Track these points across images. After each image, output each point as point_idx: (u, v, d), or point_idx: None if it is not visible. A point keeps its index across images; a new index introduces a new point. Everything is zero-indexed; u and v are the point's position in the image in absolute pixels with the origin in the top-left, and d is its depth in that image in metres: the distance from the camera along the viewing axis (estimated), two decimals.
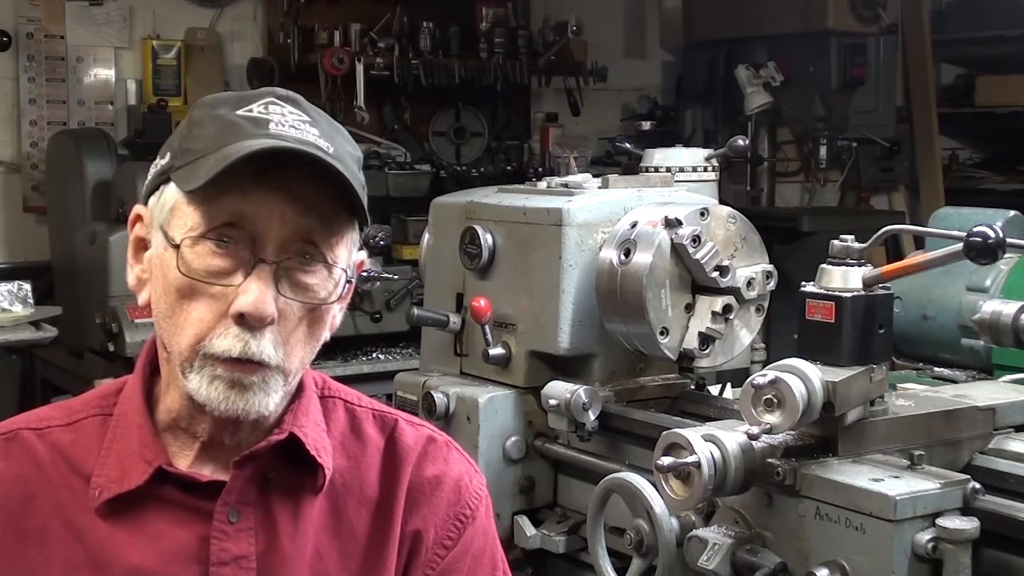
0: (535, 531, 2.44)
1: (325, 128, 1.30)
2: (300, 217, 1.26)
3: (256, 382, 1.27)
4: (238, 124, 1.27)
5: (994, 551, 1.75)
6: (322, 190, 1.26)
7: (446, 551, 1.40)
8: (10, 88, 4.97)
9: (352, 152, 1.33)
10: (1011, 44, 6.30)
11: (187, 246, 1.25)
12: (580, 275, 2.40)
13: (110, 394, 1.39)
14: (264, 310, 1.24)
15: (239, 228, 1.25)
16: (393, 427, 1.44)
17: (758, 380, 1.76)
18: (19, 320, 4.07)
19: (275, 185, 1.25)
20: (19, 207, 4.99)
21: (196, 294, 1.26)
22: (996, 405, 2.01)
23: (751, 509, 1.86)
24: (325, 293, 1.30)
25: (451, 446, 1.46)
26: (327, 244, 1.29)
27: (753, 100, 5.60)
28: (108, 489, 1.30)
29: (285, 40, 5.21)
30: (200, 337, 1.25)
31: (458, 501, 1.42)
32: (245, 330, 1.24)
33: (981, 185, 6.76)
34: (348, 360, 4.49)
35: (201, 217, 1.25)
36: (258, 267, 1.25)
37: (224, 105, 1.30)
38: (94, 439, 1.35)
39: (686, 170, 2.86)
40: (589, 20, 5.69)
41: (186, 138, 1.30)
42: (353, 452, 1.41)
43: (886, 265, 1.88)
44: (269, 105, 1.29)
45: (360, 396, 1.47)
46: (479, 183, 4.81)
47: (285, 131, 1.26)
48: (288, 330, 1.28)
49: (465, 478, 1.44)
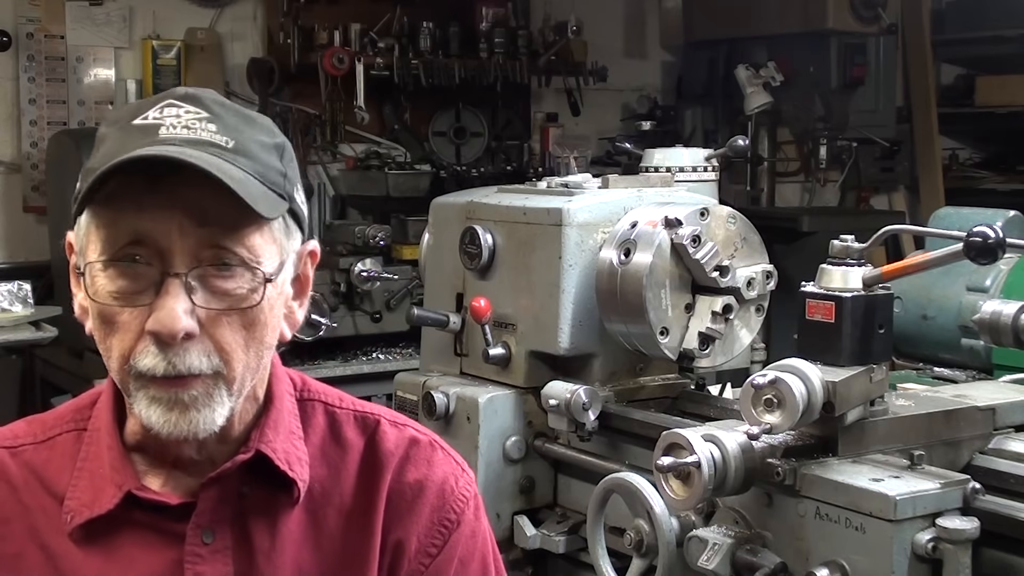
0: (535, 531, 2.44)
1: (228, 121, 1.24)
2: (198, 227, 1.20)
3: (197, 396, 1.21)
4: (129, 136, 1.21)
5: (994, 551, 1.75)
6: (220, 191, 1.18)
7: (430, 559, 1.36)
8: (10, 88, 4.97)
9: (265, 140, 1.26)
10: (1011, 44, 6.30)
11: (97, 271, 1.21)
12: (580, 275, 2.40)
13: (84, 407, 1.36)
14: (173, 326, 1.18)
15: (145, 245, 1.20)
16: (375, 429, 1.38)
17: (758, 380, 1.76)
18: (19, 320, 4.07)
19: (168, 195, 1.19)
20: (19, 207, 4.98)
21: (114, 320, 1.21)
22: (996, 405, 2.01)
23: (751, 509, 1.86)
24: (246, 293, 1.22)
25: (436, 446, 1.41)
26: (239, 245, 1.22)
27: (753, 100, 5.60)
28: (80, 514, 1.27)
29: (285, 40, 5.21)
30: (125, 358, 1.21)
31: (442, 506, 1.37)
32: (163, 348, 1.19)
33: (981, 185, 6.76)
34: (348, 360, 4.49)
35: (105, 241, 1.21)
36: (167, 282, 1.19)
37: (124, 116, 1.25)
38: (67, 457, 1.31)
39: (686, 170, 2.85)
40: (589, 20, 5.69)
41: (92, 158, 1.24)
42: (333, 459, 1.36)
43: (886, 265, 1.89)
44: (165, 108, 1.23)
45: (342, 396, 1.42)
46: (479, 183, 4.80)
47: (176, 133, 1.21)
48: (220, 338, 1.22)
49: (450, 480, 1.38)
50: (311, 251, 1.33)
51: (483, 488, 2.41)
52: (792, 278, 2.15)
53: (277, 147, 1.27)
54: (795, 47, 5.69)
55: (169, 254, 1.20)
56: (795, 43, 5.68)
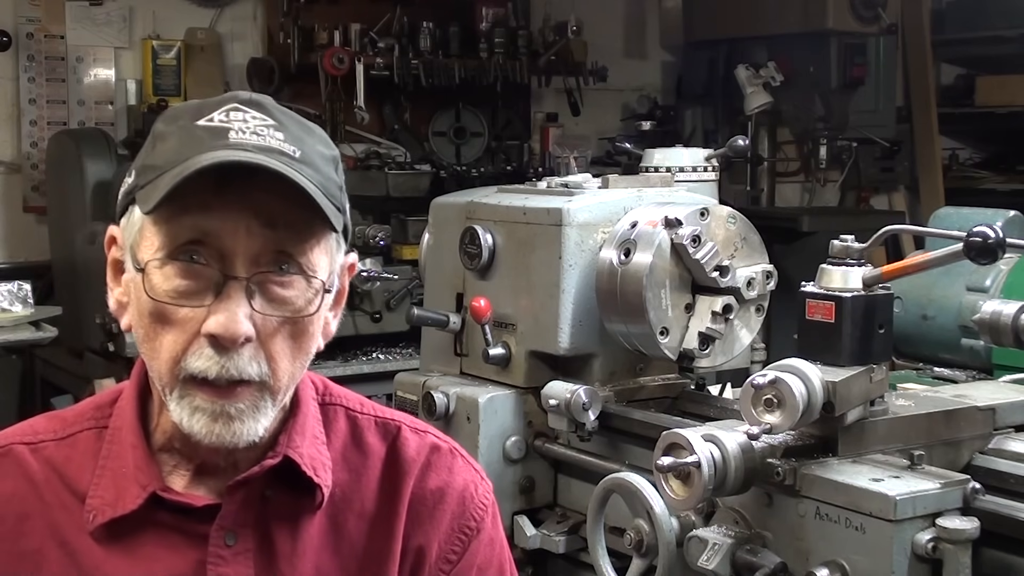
0: (535, 531, 2.44)
1: (293, 131, 1.25)
2: (267, 229, 1.21)
3: (244, 408, 1.22)
4: (197, 136, 1.21)
5: (994, 551, 1.75)
6: (289, 198, 1.20)
7: (450, 565, 1.37)
8: (10, 88, 4.97)
9: (324, 152, 1.27)
10: (1011, 44, 6.30)
11: (154, 268, 1.21)
12: (580, 275, 2.40)
13: (104, 404, 1.36)
14: (236, 330, 1.19)
15: (206, 245, 1.20)
16: (396, 435, 1.39)
17: (758, 380, 1.76)
18: (19, 320, 4.07)
19: (238, 197, 1.19)
20: (19, 207, 4.99)
21: (168, 317, 1.21)
22: (996, 405, 2.01)
23: (751, 509, 1.86)
24: (303, 303, 1.24)
25: (456, 454, 1.42)
26: (301, 253, 1.23)
27: (753, 100, 5.60)
28: (103, 512, 1.27)
29: (285, 40, 5.21)
30: (176, 360, 1.21)
31: (462, 513, 1.38)
32: (219, 351, 1.20)
33: (981, 185, 6.76)
34: (348, 360, 4.49)
35: (165, 237, 1.21)
36: (228, 284, 1.20)
37: (185, 116, 1.25)
38: (88, 455, 1.31)
39: (686, 170, 2.85)
40: (589, 20, 5.69)
41: (148, 155, 1.25)
42: (354, 464, 1.36)
43: (886, 265, 1.88)
44: (230, 112, 1.23)
45: (363, 401, 1.43)
46: (479, 183, 4.81)
47: (246, 139, 1.21)
48: (271, 345, 1.23)
49: (471, 487, 1.40)
50: (351, 264, 1.34)
51: None
52: (792, 278, 2.15)
53: (334, 159, 1.29)
54: (795, 47, 5.69)
55: (232, 256, 1.20)
56: (795, 43, 5.68)
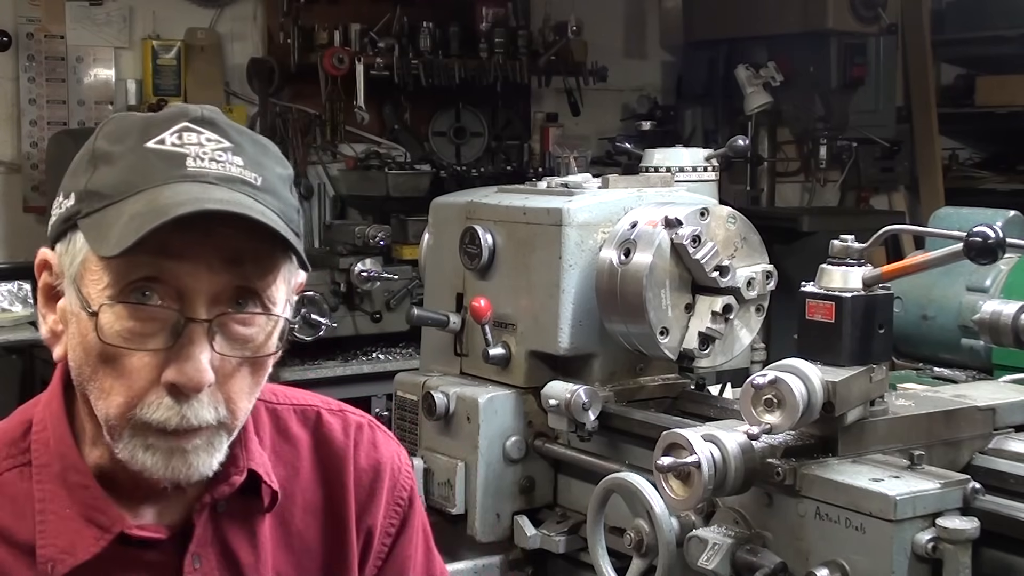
0: (535, 531, 2.44)
1: (250, 153, 1.17)
2: (231, 266, 1.12)
3: (200, 445, 1.15)
4: (150, 162, 1.12)
5: (994, 551, 1.75)
6: (254, 232, 1.11)
7: (390, 538, 1.39)
8: (10, 88, 4.97)
9: (282, 173, 1.20)
10: (1011, 44, 6.30)
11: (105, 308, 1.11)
12: (580, 275, 2.40)
13: (16, 439, 1.23)
14: (200, 379, 1.11)
15: (162, 283, 1.11)
16: (317, 421, 1.36)
17: (758, 380, 1.76)
18: (19, 320, 4.08)
19: (201, 237, 1.10)
20: (19, 207, 4.99)
21: (119, 362, 1.12)
22: (996, 405, 2.01)
23: (751, 509, 1.86)
24: (263, 339, 1.17)
25: (374, 427, 1.41)
26: (264, 288, 1.16)
27: (753, 100, 5.61)
28: (62, 562, 1.17)
29: (285, 40, 5.21)
30: (130, 405, 1.12)
31: (395, 486, 1.39)
32: (179, 399, 1.12)
33: (981, 185, 6.76)
34: (348, 360, 4.50)
35: (115, 274, 1.11)
36: (188, 328, 1.11)
37: (132, 135, 1.14)
38: (20, 498, 1.19)
39: (686, 170, 2.85)
40: (589, 20, 5.69)
41: (90, 178, 1.14)
42: (287, 458, 1.33)
43: (886, 265, 1.88)
44: (183, 133, 1.14)
45: (275, 390, 1.36)
46: (479, 183, 4.81)
47: (205, 167, 1.12)
48: (229, 386, 1.16)
49: (395, 459, 1.41)
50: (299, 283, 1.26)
51: (483, 488, 2.41)
52: (792, 278, 2.15)
53: (289, 178, 1.22)
54: (795, 47, 5.69)
55: (192, 296, 1.12)
56: (795, 43, 5.68)
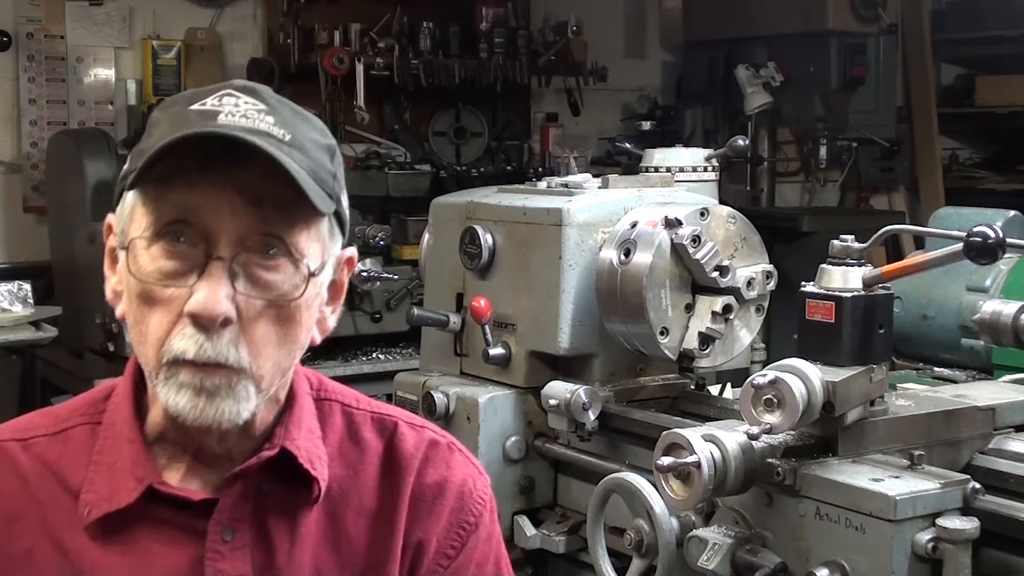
0: (535, 531, 2.44)
1: (285, 116, 1.23)
2: (251, 207, 1.19)
3: (221, 385, 1.20)
4: (186, 119, 1.21)
5: (994, 551, 1.75)
6: (275, 178, 1.18)
7: (449, 560, 1.36)
8: (10, 88, 4.97)
9: (319, 139, 1.26)
10: (1011, 44, 6.31)
11: (141, 248, 1.20)
12: (580, 275, 2.40)
13: (98, 400, 1.34)
14: (214, 309, 1.17)
15: (191, 225, 1.19)
16: (393, 431, 1.38)
17: (758, 380, 1.76)
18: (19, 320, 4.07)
19: (221, 175, 1.18)
20: (19, 207, 4.99)
21: (154, 298, 1.20)
22: (996, 405, 2.01)
23: (751, 509, 1.86)
24: (289, 287, 1.22)
25: (454, 448, 1.41)
26: (289, 235, 1.21)
27: (753, 100, 5.61)
28: (98, 507, 1.25)
29: (285, 40, 5.21)
30: (161, 341, 1.20)
31: (461, 508, 1.37)
32: (200, 331, 1.18)
33: (981, 185, 6.77)
34: (348, 360, 4.49)
35: (151, 216, 1.20)
36: (210, 264, 1.19)
37: (180, 102, 1.24)
38: (82, 451, 1.29)
39: (686, 170, 2.85)
40: (589, 20, 5.69)
41: (144, 141, 1.24)
42: (351, 460, 1.35)
43: (886, 265, 1.89)
44: (224, 97, 1.22)
45: (358, 397, 1.41)
46: (479, 183, 4.81)
47: (235, 121, 1.20)
48: (254, 331, 1.21)
49: (469, 482, 1.39)
50: (348, 258, 1.32)
51: None
52: (792, 278, 2.15)
53: (329, 148, 1.27)
54: (795, 47, 5.69)
55: (216, 235, 1.19)
56: (795, 43, 5.68)
